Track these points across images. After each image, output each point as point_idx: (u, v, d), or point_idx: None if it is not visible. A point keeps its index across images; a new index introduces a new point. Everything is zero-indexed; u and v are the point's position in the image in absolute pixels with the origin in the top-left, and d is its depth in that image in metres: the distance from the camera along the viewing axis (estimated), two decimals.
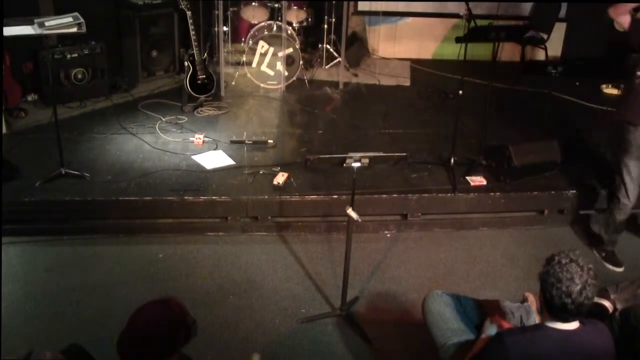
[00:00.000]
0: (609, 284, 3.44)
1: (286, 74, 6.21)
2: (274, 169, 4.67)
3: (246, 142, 5.09)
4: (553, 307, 2.29)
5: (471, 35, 4.35)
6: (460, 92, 4.54)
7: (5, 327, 3.38)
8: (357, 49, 7.14)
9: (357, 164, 3.32)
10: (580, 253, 2.33)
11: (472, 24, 4.34)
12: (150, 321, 2.18)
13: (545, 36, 6.97)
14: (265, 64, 6.18)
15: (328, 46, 6.85)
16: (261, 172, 4.64)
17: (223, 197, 4.37)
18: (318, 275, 4.01)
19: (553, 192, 4.64)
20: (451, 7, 7.00)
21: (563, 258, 2.29)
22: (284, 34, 6.08)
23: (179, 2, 5.48)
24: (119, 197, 4.31)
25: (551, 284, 2.27)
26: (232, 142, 5.10)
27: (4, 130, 5.04)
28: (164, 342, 2.16)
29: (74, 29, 4.25)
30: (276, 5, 6.34)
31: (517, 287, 3.92)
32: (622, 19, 4.01)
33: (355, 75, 6.83)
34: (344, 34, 6.48)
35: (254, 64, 6.19)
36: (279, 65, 6.17)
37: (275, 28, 6.18)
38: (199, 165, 4.73)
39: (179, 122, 5.45)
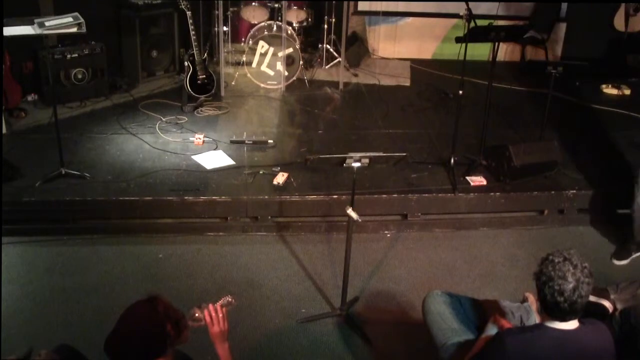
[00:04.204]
0: (609, 284, 3.44)
1: (286, 74, 6.21)
2: (274, 169, 4.67)
3: (246, 142, 5.09)
4: (547, 306, 2.29)
5: (471, 35, 4.35)
6: (461, 92, 4.54)
7: (5, 327, 3.39)
8: (357, 49, 7.14)
9: (357, 164, 3.32)
10: (576, 252, 2.32)
11: (472, 24, 4.34)
12: (134, 322, 2.20)
13: (545, 36, 6.97)
14: (265, 64, 6.18)
15: (328, 46, 6.85)
16: (261, 172, 4.64)
17: (223, 197, 4.37)
18: (318, 275, 4.01)
19: (553, 192, 4.64)
20: (451, 7, 7.00)
21: (557, 257, 2.29)
22: (284, 34, 6.08)
23: (179, 2, 5.48)
24: (119, 197, 4.31)
25: (544, 282, 2.27)
26: (232, 142, 5.10)
27: (4, 130, 5.04)
28: (148, 340, 2.17)
29: (74, 29, 4.25)
30: (276, 5, 6.34)
31: (517, 287, 3.92)
32: None
33: (355, 75, 6.83)
34: (344, 34, 6.48)
35: (254, 64, 6.20)
36: (279, 65, 6.17)
37: (275, 28, 6.18)
38: (199, 165, 4.74)
39: (179, 122, 5.45)
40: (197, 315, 2.44)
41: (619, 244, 4.37)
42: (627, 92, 6.65)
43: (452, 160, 4.70)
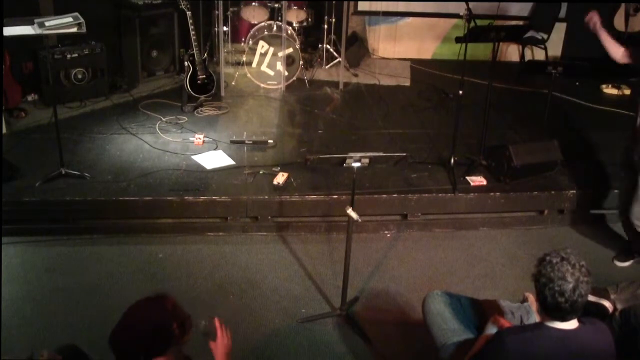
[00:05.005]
0: (609, 284, 3.44)
1: (286, 74, 6.21)
2: (274, 169, 4.67)
3: (246, 142, 5.09)
4: (548, 307, 2.28)
5: (471, 35, 4.35)
6: (460, 92, 4.54)
7: (5, 327, 3.39)
8: (357, 49, 7.14)
9: (357, 164, 3.32)
10: (573, 251, 2.32)
11: (472, 24, 4.34)
12: (141, 317, 2.21)
13: (545, 36, 6.97)
14: (265, 64, 6.19)
15: (328, 46, 6.85)
16: (261, 172, 4.64)
17: (223, 197, 4.37)
18: (318, 275, 4.01)
19: (553, 192, 4.64)
20: (451, 7, 7.01)
21: (554, 257, 2.29)
22: (284, 34, 6.08)
23: (179, 2, 5.48)
24: (119, 197, 4.31)
25: (543, 284, 2.27)
26: (232, 142, 5.10)
27: (4, 130, 5.04)
28: (153, 338, 2.17)
29: (74, 29, 4.25)
30: (276, 5, 6.34)
31: (517, 287, 3.92)
32: (613, 49, 4.08)
33: (355, 75, 6.84)
34: (344, 34, 6.48)
35: (254, 64, 6.20)
36: (279, 65, 6.17)
37: (275, 28, 6.19)
38: (199, 165, 4.74)
39: (179, 122, 5.45)
40: (203, 326, 2.42)
41: (620, 246, 4.37)
42: (627, 92, 6.65)
43: (452, 160, 4.70)
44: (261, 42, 6.09)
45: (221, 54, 6.12)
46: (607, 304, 3.30)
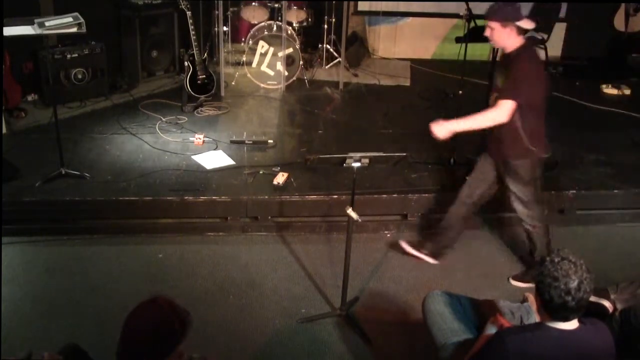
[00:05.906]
0: (609, 284, 3.44)
1: (286, 74, 6.22)
2: (274, 169, 4.67)
3: (246, 142, 5.09)
4: (554, 308, 2.27)
5: (471, 35, 4.36)
6: (460, 92, 4.54)
7: (5, 327, 3.38)
8: (357, 49, 7.14)
9: (357, 164, 3.32)
10: (570, 251, 2.32)
11: (472, 24, 4.34)
12: (141, 324, 2.18)
13: (545, 36, 6.97)
14: (265, 64, 6.19)
15: (328, 46, 6.86)
16: (261, 172, 4.64)
17: (223, 197, 4.37)
18: (318, 275, 4.00)
19: (553, 192, 4.64)
20: (451, 7, 7.00)
21: (555, 257, 2.29)
22: (284, 34, 6.08)
23: (179, 2, 5.49)
24: (119, 197, 4.31)
25: (548, 284, 2.26)
26: (232, 142, 5.10)
27: (4, 130, 5.05)
28: (159, 341, 2.16)
29: (74, 29, 4.25)
30: (276, 5, 6.35)
31: (517, 287, 3.92)
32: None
33: (355, 75, 6.84)
34: (344, 34, 6.48)
35: (254, 64, 6.20)
36: (279, 65, 6.17)
37: (275, 28, 6.19)
38: (199, 165, 4.74)
39: (179, 122, 5.46)
40: None
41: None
42: (627, 92, 6.65)
43: (452, 160, 4.69)
44: (261, 42, 6.09)
45: (221, 54, 6.12)
46: (607, 304, 3.30)
